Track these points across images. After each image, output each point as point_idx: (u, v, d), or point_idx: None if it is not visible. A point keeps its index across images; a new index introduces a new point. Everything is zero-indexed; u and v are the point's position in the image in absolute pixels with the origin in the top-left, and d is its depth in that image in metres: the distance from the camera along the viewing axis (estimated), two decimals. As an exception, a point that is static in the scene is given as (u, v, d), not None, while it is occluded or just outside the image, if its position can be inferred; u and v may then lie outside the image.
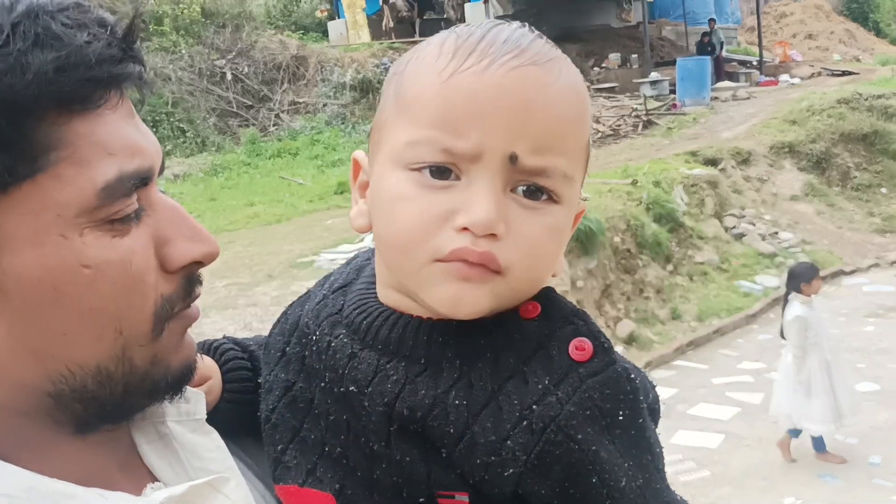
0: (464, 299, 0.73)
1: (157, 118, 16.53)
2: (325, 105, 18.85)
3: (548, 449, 0.71)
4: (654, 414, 0.81)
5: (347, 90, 18.78)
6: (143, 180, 0.72)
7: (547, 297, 0.79)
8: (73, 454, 0.73)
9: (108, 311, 0.70)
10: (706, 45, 19.55)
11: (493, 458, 0.72)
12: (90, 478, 0.72)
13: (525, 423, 0.72)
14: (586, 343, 0.75)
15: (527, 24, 0.80)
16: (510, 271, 0.73)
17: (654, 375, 8.00)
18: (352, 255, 0.98)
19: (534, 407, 0.72)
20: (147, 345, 0.74)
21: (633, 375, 0.75)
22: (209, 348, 0.96)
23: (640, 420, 0.74)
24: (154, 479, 0.79)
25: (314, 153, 15.86)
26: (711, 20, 21.14)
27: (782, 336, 6.14)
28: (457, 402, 0.74)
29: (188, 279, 0.77)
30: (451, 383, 0.75)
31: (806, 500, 5.63)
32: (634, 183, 10.46)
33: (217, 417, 0.88)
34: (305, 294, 0.94)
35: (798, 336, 5.90)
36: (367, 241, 7.44)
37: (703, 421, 6.94)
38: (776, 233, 11.60)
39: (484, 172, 0.72)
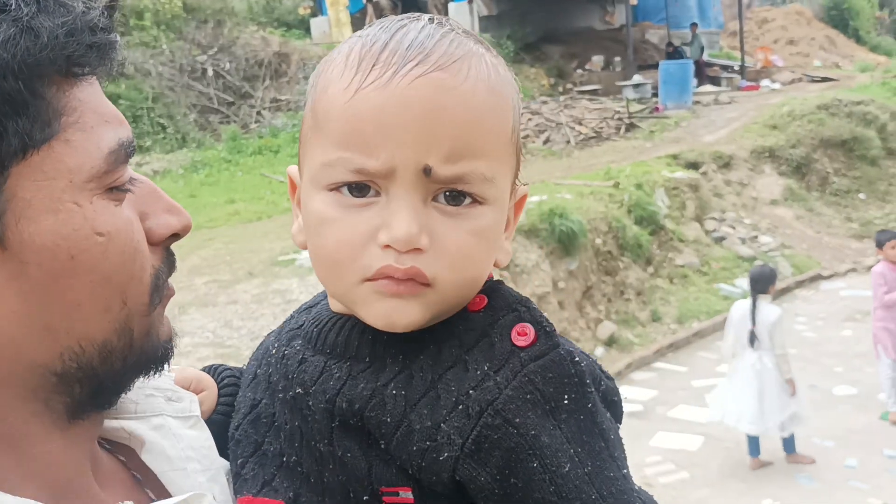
0: (396, 316, 0.73)
1: (137, 113, 16.38)
2: (306, 103, 18.75)
3: (485, 433, 0.70)
4: (613, 407, 0.79)
5: (330, 88, 18.70)
6: (133, 149, 0.73)
7: (493, 289, 0.79)
8: (57, 454, 0.71)
9: (117, 280, 0.70)
10: (672, 55, 19.62)
11: (428, 443, 0.72)
12: (73, 480, 0.71)
13: (461, 407, 0.71)
14: (528, 328, 0.74)
15: (435, 18, 0.77)
16: (439, 282, 0.73)
17: (634, 377, 8.04)
18: None
19: (471, 392, 0.72)
20: (145, 316, 0.74)
21: (577, 359, 0.74)
22: (205, 370, 0.98)
23: (589, 405, 0.73)
24: (137, 483, 0.78)
25: (296, 151, 15.20)
26: (693, 25, 21.27)
27: (751, 343, 5.95)
28: (394, 392, 0.74)
29: (169, 252, 0.78)
30: (392, 376, 0.75)
31: (783, 502, 5.67)
32: (616, 185, 10.49)
33: (210, 430, 0.87)
34: (282, 323, 0.95)
35: (782, 336, 5.94)
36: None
37: (683, 423, 6.96)
38: (756, 237, 11.68)
39: (400, 187, 0.71)
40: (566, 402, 0.72)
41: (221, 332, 6.31)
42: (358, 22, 21.47)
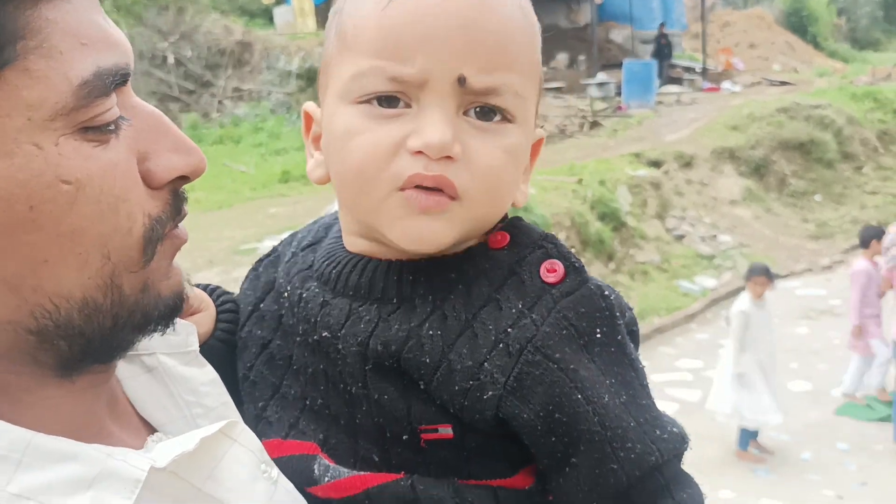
0: (426, 233, 0.72)
1: (96, 99, 16.10)
2: (269, 93, 18.59)
3: (527, 370, 0.71)
4: (634, 336, 0.79)
5: (293, 78, 18.55)
6: (122, 77, 0.63)
7: (515, 225, 0.79)
8: (58, 401, 0.65)
9: (93, 233, 0.61)
10: (664, 47, 19.82)
11: (471, 382, 0.71)
12: (81, 429, 0.64)
13: (501, 345, 0.71)
14: (557, 265, 0.74)
15: None
16: (468, 195, 0.72)
17: (595, 371, 8.09)
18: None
19: (509, 330, 0.72)
20: (137, 271, 0.65)
21: (606, 293, 0.75)
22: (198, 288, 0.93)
23: (619, 337, 0.74)
24: (151, 428, 0.72)
25: (258, 141, 15.64)
26: (661, 25, 21.46)
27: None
28: (431, 332, 0.73)
29: (175, 195, 0.69)
30: (425, 317, 0.74)
31: (741, 493, 5.74)
32: (580, 181, 10.55)
33: (207, 356, 0.82)
34: (273, 252, 0.92)
35: (738, 330, 6.03)
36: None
37: (642, 416, 7.03)
38: (715, 235, 11.83)
39: (434, 97, 0.70)
40: (598, 335, 0.73)
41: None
42: (322, 13, 21.28)
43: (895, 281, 6.35)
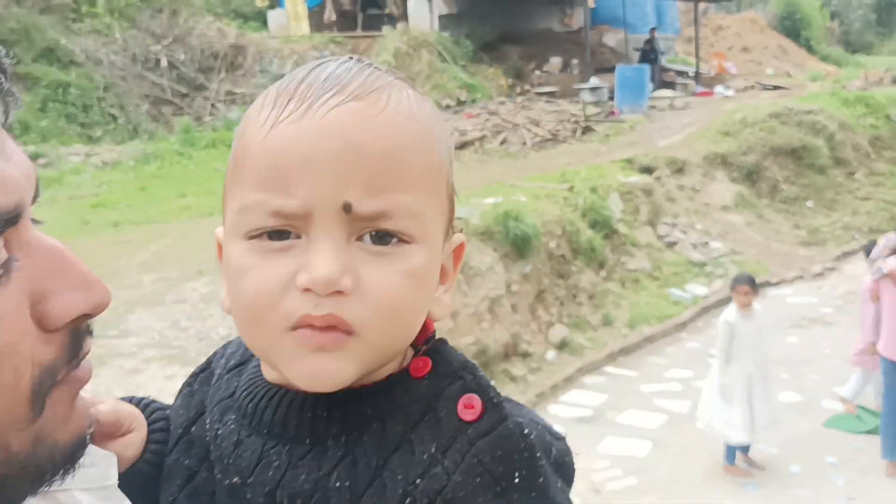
0: (323, 372, 0.67)
1: (88, 103, 16.04)
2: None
3: None
4: (564, 469, 0.75)
5: (287, 82, 18.52)
6: (9, 220, 0.57)
7: (437, 350, 0.75)
8: None
9: None
10: (649, 53, 19.86)
11: None
12: None
13: (409, 500, 0.66)
14: (475, 400, 0.70)
15: (356, 57, 0.75)
16: (365, 330, 0.67)
17: (585, 381, 8.08)
18: None
19: (418, 481, 0.67)
20: (26, 427, 0.59)
21: (527, 431, 0.70)
22: (131, 402, 0.86)
23: (541, 479, 0.69)
24: None
25: None
26: (652, 29, 21.49)
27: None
28: (338, 484, 0.68)
29: (74, 335, 0.62)
30: (335, 463, 0.69)
31: (728, 509, 5.74)
32: (571, 188, 10.54)
33: (132, 481, 0.76)
34: (208, 365, 0.86)
35: (722, 341, 6.01)
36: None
37: (632, 428, 7.02)
38: (707, 242, 11.83)
39: (321, 228, 0.66)
40: (517, 480, 0.68)
41: (168, 333, 6.18)
42: (316, 16, 21.29)
43: (881, 293, 6.30)
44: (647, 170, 12.63)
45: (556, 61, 19.79)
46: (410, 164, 0.68)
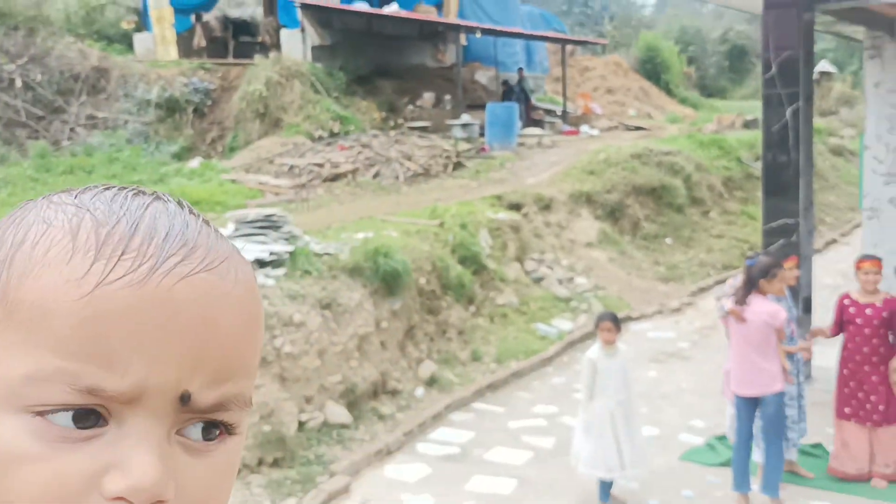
0: None
1: (-69, 123, 14.99)
2: (126, 122, 17.88)
3: None
4: None
5: (152, 107, 17.91)
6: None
7: None
8: None
9: None
10: (513, 91, 20.40)
11: None
12: None
13: None
14: None
15: (169, 197, 0.61)
16: None
17: (453, 418, 8.09)
18: None
19: None
20: None
21: None
22: None
23: None
24: None
25: (112, 172, 14.95)
26: (520, 69, 22.13)
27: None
28: None
29: None
30: None
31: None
32: (442, 224, 10.63)
33: None
34: None
35: (585, 378, 6.15)
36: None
37: (498, 466, 7.06)
38: (572, 278, 12.16)
39: (145, 418, 0.54)
40: None
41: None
42: (185, 41, 20.74)
43: (729, 330, 6.55)
44: (516, 206, 12.92)
45: (429, 96, 20.02)
46: (253, 347, 0.60)
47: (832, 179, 21.22)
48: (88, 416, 0.53)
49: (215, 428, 0.58)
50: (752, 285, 6.01)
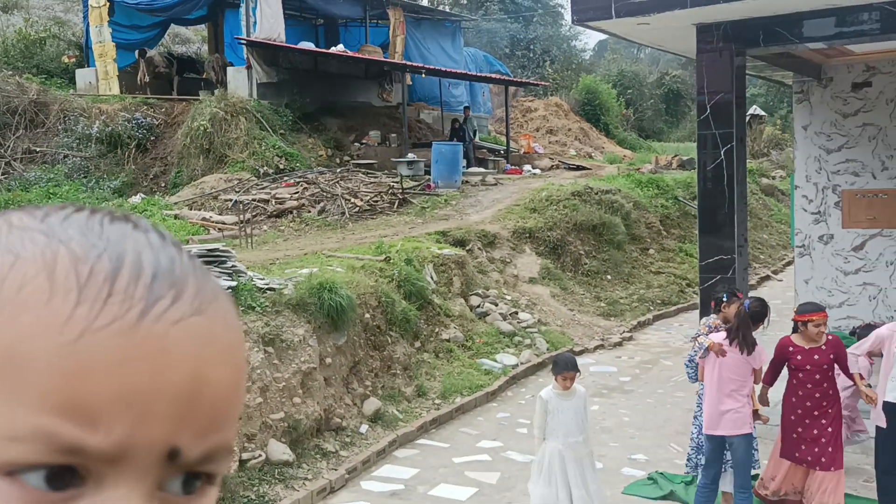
0: None
1: None
2: (65, 156, 17.60)
3: None
4: None
5: (93, 142, 17.68)
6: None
7: None
8: None
9: None
10: (458, 131, 20.69)
11: None
12: None
13: None
14: None
15: (148, 224, 0.56)
16: None
17: (398, 454, 8.07)
18: None
19: None
20: None
21: None
22: None
23: None
24: None
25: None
26: (466, 108, 22.45)
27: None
28: None
29: None
30: None
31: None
32: (387, 260, 10.68)
33: None
34: None
35: (536, 417, 6.01)
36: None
37: (443, 502, 7.05)
38: (516, 313, 12.29)
39: (129, 476, 0.50)
40: None
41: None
42: (129, 77, 20.57)
43: (705, 371, 6.54)
44: (461, 243, 13.05)
45: (375, 134, 20.17)
46: (241, 395, 0.56)
47: (765, 218, 21.91)
48: (63, 476, 0.48)
49: (197, 480, 0.54)
50: (748, 325, 6.08)
